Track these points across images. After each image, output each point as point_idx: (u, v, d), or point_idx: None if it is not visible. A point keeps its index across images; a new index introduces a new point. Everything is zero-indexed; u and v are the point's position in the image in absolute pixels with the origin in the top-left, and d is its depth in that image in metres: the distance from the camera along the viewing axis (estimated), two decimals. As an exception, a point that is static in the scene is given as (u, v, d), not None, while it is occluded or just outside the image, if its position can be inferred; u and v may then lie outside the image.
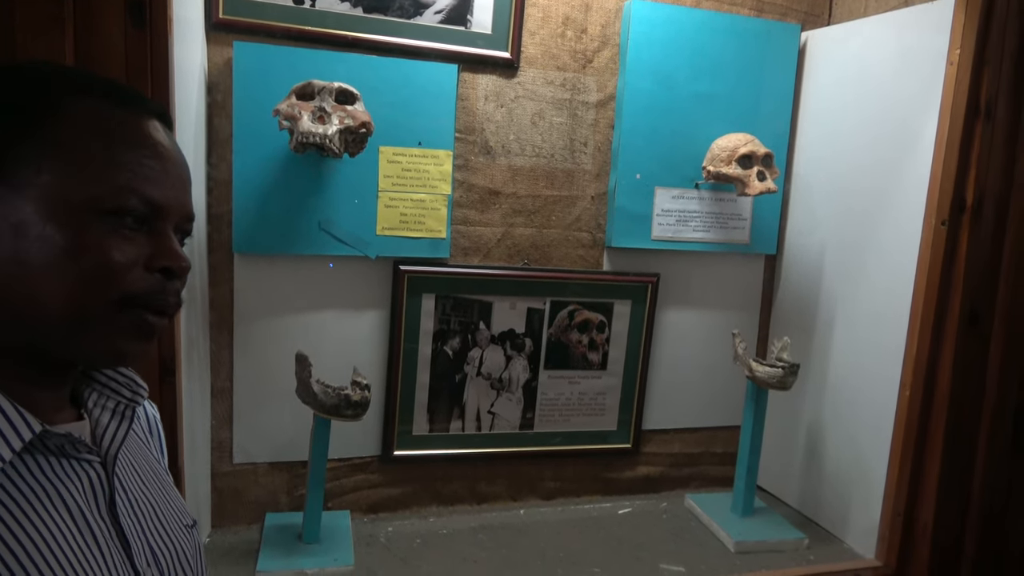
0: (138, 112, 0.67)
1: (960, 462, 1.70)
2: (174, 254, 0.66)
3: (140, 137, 0.66)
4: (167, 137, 0.69)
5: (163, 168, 0.66)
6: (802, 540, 1.86)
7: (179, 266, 0.66)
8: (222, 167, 1.64)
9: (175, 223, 0.68)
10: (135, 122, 0.66)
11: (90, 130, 0.63)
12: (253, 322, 1.71)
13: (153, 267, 0.64)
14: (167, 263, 0.65)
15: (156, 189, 0.65)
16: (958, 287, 1.63)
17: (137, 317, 0.64)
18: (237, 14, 1.60)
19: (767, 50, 1.97)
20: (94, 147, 0.62)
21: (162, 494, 0.77)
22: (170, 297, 0.66)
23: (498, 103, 1.82)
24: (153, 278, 0.64)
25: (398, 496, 1.90)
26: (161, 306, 0.66)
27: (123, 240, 0.62)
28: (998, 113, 1.59)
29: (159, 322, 0.67)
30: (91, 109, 0.64)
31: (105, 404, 0.73)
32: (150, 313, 0.65)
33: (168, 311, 0.67)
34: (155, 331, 0.66)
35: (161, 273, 0.65)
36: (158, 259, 0.64)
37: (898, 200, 1.75)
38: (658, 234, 1.96)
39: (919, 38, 1.69)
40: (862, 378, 1.85)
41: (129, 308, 0.63)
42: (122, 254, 0.62)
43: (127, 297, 0.63)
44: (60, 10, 1.00)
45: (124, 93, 0.67)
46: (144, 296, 0.64)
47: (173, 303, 0.67)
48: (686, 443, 2.16)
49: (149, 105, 0.69)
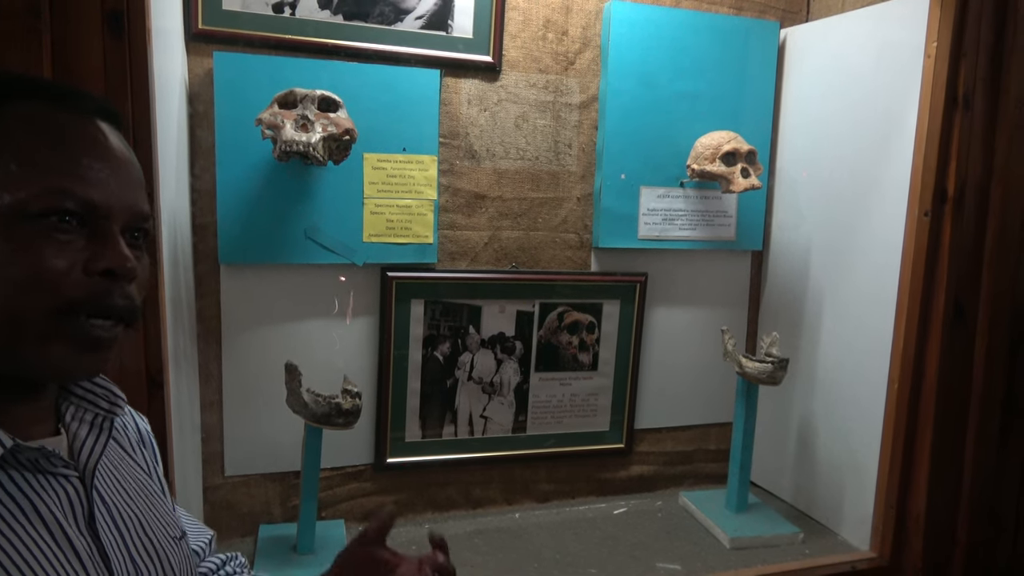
0: (76, 112, 0.65)
1: (950, 452, 1.71)
2: (116, 255, 0.62)
3: (77, 137, 0.63)
4: (111, 136, 0.67)
5: (102, 167, 0.64)
6: (797, 534, 1.87)
7: (122, 267, 0.62)
8: (206, 177, 1.63)
9: (123, 223, 0.65)
10: (74, 123, 0.64)
11: (21, 133, 0.61)
12: (241, 333, 1.70)
13: (93, 270, 0.61)
14: (107, 264, 0.62)
15: (93, 189, 0.62)
16: (942, 277, 1.65)
17: (80, 326, 0.61)
18: (216, 24, 1.59)
19: (747, 48, 1.98)
20: (23, 150, 0.60)
21: (148, 507, 0.76)
22: (118, 300, 0.63)
23: (481, 107, 1.82)
24: (95, 282, 0.61)
25: (392, 503, 1.89)
26: (106, 311, 0.62)
27: (56, 244, 0.60)
28: (976, 104, 1.61)
29: (108, 330, 0.63)
30: (25, 113, 0.62)
31: (83, 417, 0.71)
32: (97, 319, 0.62)
33: (117, 316, 0.64)
34: (105, 340, 0.63)
35: (104, 276, 0.62)
36: (98, 261, 0.61)
37: (881, 192, 1.76)
38: (645, 233, 1.97)
39: (896, 32, 1.71)
40: (851, 371, 1.86)
41: (70, 316, 0.60)
42: (55, 259, 0.59)
43: (65, 304, 0.60)
44: (37, 22, 0.99)
45: (61, 94, 0.65)
46: (87, 302, 0.61)
47: (123, 306, 0.64)
48: (679, 441, 2.17)
49: (89, 104, 0.67)
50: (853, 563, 1.74)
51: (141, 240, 0.69)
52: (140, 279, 0.67)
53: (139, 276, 0.67)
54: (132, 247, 0.66)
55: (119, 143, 0.68)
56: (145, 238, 0.69)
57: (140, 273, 0.67)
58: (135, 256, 0.66)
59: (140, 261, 0.67)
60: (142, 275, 0.68)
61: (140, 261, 0.67)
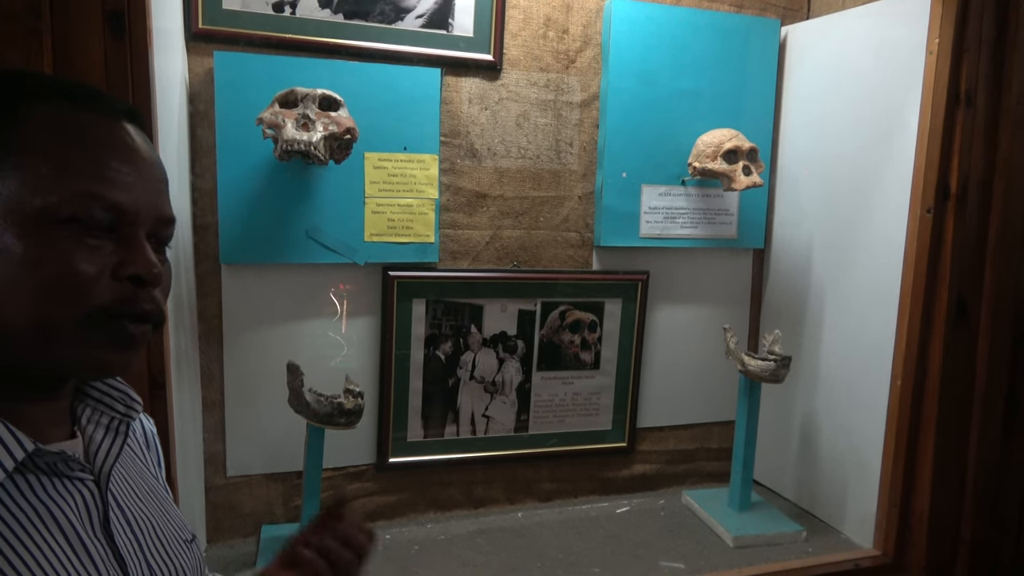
0: (102, 113, 0.64)
1: (953, 449, 1.71)
2: (143, 261, 0.62)
3: (104, 140, 0.62)
4: (136, 138, 0.66)
5: (130, 171, 0.63)
6: (800, 532, 1.86)
7: (149, 273, 0.62)
8: (206, 177, 1.63)
9: (149, 228, 0.64)
10: (99, 124, 0.63)
11: (49, 135, 0.60)
12: (243, 333, 1.70)
13: (121, 275, 0.61)
14: (135, 270, 0.61)
15: (122, 193, 0.61)
16: (945, 274, 1.64)
17: (112, 327, 0.61)
18: (217, 24, 1.59)
19: (748, 46, 1.98)
20: (53, 153, 0.59)
21: (160, 510, 0.76)
22: (144, 305, 0.63)
23: (482, 106, 1.82)
24: (123, 286, 0.61)
25: (394, 503, 1.89)
26: (136, 314, 0.62)
27: (86, 249, 0.59)
28: (978, 100, 1.60)
29: (139, 330, 0.63)
30: (50, 114, 0.61)
31: (99, 420, 0.71)
32: (127, 321, 0.62)
33: (146, 319, 0.63)
34: (136, 340, 0.63)
35: (131, 281, 0.61)
36: (126, 267, 0.61)
37: (883, 189, 1.76)
38: (646, 232, 1.96)
39: (898, 29, 1.71)
40: (854, 368, 1.86)
41: (101, 319, 0.60)
42: (84, 264, 0.59)
43: (96, 309, 0.60)
44: (38, 22, 0.99)
45: (87, 95, 0.64)
46: (115, 306, 0.61)
47: (150, 310, 0.63)
48: (681, 440, 2.16)
49: (115, 105, 0.66)
50: (856, 561, 1.74)
51: (164, 244, 0.68)
52: (164, 283, 0.67)
53: (165, 281, 0.67)
54: (156, 251, 0.65)
55: (144, 145, 0.66)
56: (168, 242, 0.69)
57: (165, 278, 0.67)
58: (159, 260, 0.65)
59: (164, 265, 0.67)
60: (166, 279, 0.68)
61: (164, 265, 0.67)
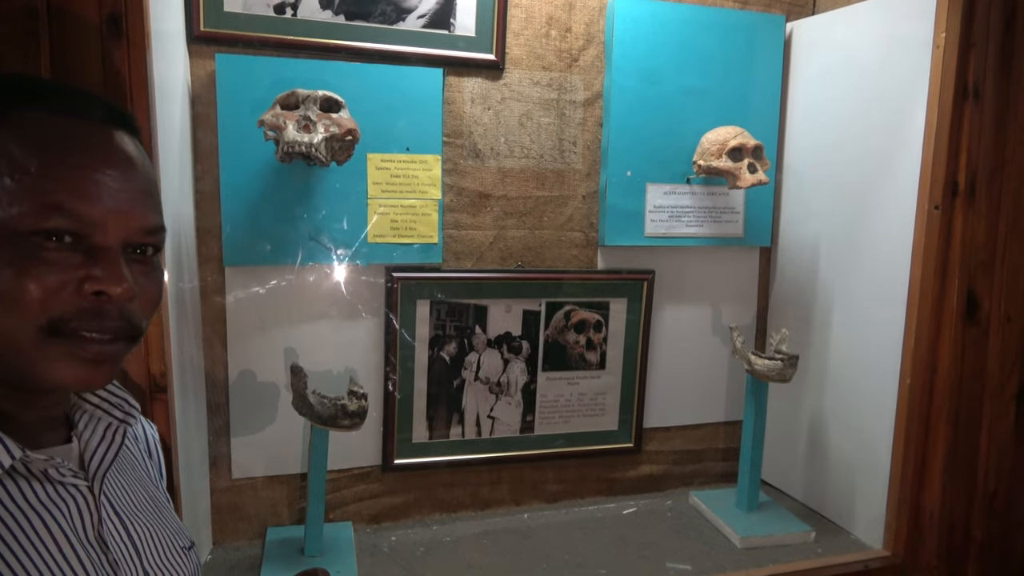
0: (81, 119, 0.61)
1: (964, 448, 1.68)
2: (109, 277, 0.59)
3: (79, 147, 0.59)
4: (119, 143, 0.62)
5: (106, 179, 0.60)
6: (809, 533, 1.85)
7: (111, 291, 0.59)
8: (208, 180, 1.63)
9: (124, 238, 0.61)
10: (74, 131, 0.60)
11: (20, 144, 0.57)
12: (246, 335, 1.70)
13: (86, 291, 0.59)
14: (98, 287, 0.59)
15: (88, 204, 0.58)
16: (954, 271, 1.62)
17: (74, 342, 0.59)
18: (219, 26, 1.59)
19: (753, 42, 1.96)
20: (20, 163, 0.57)
21: (158, 516, 0.75)
22: (108, 321, 0.60)
23: (485, 105, 1.81)
24: (85, 300, 0.59)
25: (400, 505, 1.88)
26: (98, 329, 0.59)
27: (46, 263, 0.57)
28: (986, 94, 1.58)
29: (104, 345, 0.60)
30: (25, 120, 0.58)
31: (95, 426, 0.71)
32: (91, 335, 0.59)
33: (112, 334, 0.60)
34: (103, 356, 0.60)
35: (97, 296, 0.59)
36: (91, 282, 0.59)
37: (891, 186, 1.74)
38: (651, 231, 1.95)
39: (904, 23, 1.69)
40: (862, 367, 1.84)
41: (61, 333, 0.58)
42: (44, 277, 0.57)
43: (50, 323, 0.58)
44: (35, 24, 0.99)
45: (67, 99, 0.61)
46: (75, 320, 0.58)
47: (116, 327, 0.61)
48: (688, 440, 2.15)
49: (98, 110, 0.62)
50: (866, 562, 1.72)
51: (150, 254, 0.65)
52: (148, 296, 0.64)
53: (146, 293, 0.64)
54: (138, 263, 0.63)
55: (128, 150, 0.63)
56: (156, 251, 0.65)
57: (147, 290, 0.64)
58: (142, 272, 0.62)
59: (148, 276, 0.64)
60: (150, 292, 0.65)
61: (148, 276, 0.64)
